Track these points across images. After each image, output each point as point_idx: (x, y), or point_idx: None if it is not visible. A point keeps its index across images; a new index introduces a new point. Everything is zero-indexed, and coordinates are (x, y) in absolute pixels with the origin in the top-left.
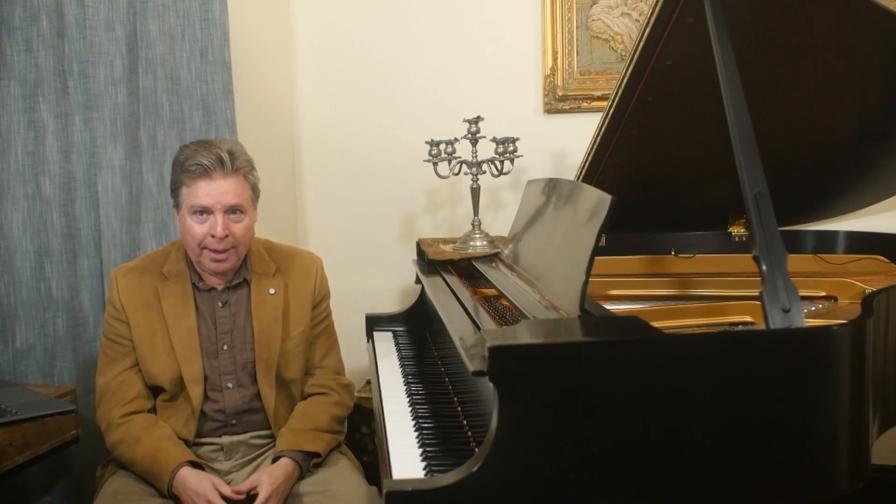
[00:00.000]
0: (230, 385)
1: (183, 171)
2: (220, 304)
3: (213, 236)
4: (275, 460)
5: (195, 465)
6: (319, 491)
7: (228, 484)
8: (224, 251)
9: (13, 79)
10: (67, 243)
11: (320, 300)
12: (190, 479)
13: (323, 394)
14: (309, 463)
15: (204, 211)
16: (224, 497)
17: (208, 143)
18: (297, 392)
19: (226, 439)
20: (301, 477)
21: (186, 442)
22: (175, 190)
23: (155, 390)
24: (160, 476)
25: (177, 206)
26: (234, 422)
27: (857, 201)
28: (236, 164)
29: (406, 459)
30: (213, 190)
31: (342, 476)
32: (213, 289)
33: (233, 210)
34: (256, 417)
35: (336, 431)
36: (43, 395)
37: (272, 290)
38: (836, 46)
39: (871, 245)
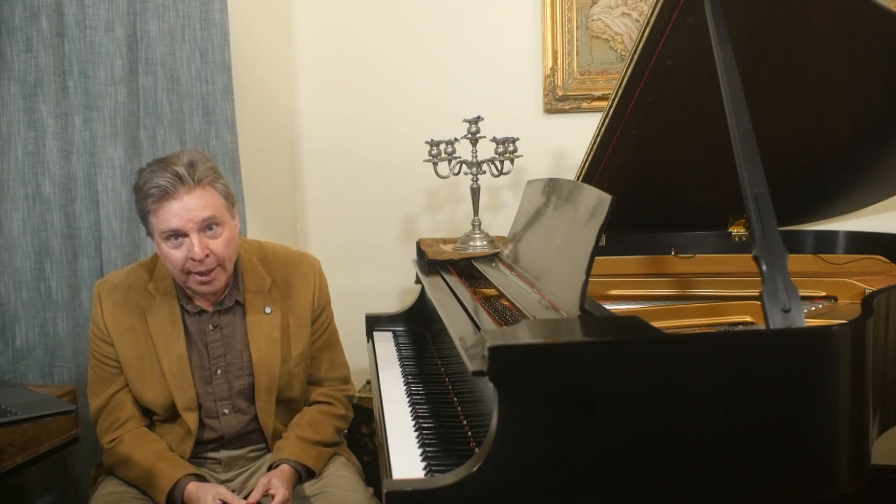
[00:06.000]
0: (226, 411)
1: (145, 197)
2: (211, 327)
3: (193, 259)
4: (274, 465)
5: (196, 476)
6: (318, 493)
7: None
8: (209, 271)
9: (13, 79)
10: (67, 243)
11: (321, 311)
12: (195, 493)
13: (329, 404)
14: (306, 476)
15: (177, 234)
16: None
17: (164, 161)
18: (297, 407)
19: (223, 453)
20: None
21: (182, 456)
22: (143, 218)
23: (150, 410)
24: (157, 498)
25: (149, 233)
26: (231, 440)
27: (857, 201)
28: (197, 175)
29: (406, 459)
30: (180, 210)
31: (340, 478)
32: (202, 311)
33: (207, 226)
34: (254, 436)
35: (337, 444)
36: (43, 395)
37: (268, 309)
38: (836, 46)
39: (871, 245)
